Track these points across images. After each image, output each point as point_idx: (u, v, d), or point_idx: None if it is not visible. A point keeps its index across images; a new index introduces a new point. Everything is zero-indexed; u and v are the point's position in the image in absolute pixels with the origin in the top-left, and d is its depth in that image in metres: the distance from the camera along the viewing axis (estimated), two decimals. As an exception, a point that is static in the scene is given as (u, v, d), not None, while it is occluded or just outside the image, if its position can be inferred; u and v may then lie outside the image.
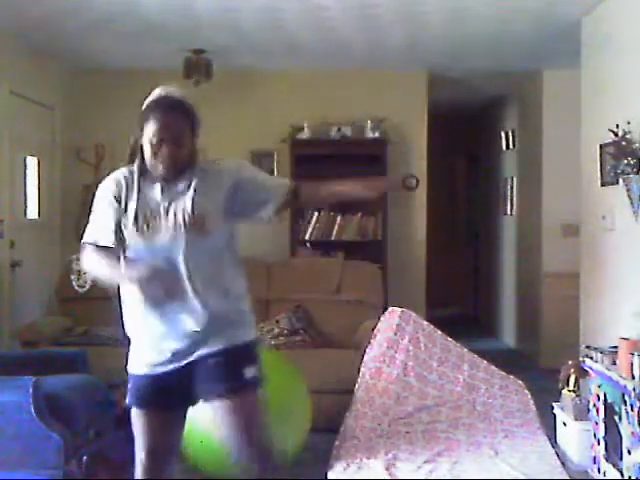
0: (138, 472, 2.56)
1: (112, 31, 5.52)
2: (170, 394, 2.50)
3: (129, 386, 2.64)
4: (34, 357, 4.31)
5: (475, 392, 4.51)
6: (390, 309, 4.82)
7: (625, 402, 3.48)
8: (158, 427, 2.54)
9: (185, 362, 2.46)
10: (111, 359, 4.78)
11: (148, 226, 2.41)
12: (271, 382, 3.94)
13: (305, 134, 6.61)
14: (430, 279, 7.14)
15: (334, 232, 6.66)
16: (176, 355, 2.46)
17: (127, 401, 2.64)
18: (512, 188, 8.11)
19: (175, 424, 2.60)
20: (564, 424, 4.33)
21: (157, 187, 2.46)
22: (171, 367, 2.47)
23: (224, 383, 2.43)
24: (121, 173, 2.59)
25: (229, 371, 2.45)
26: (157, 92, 2.49)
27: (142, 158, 2.51)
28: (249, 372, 2.47)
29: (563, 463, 3.97)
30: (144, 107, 2.47)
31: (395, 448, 3.93)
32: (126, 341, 2.65)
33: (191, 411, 2.64)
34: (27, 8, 4.94)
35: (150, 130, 2.41)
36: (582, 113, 5.27)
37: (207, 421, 3.72)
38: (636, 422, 3.36)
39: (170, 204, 2.43)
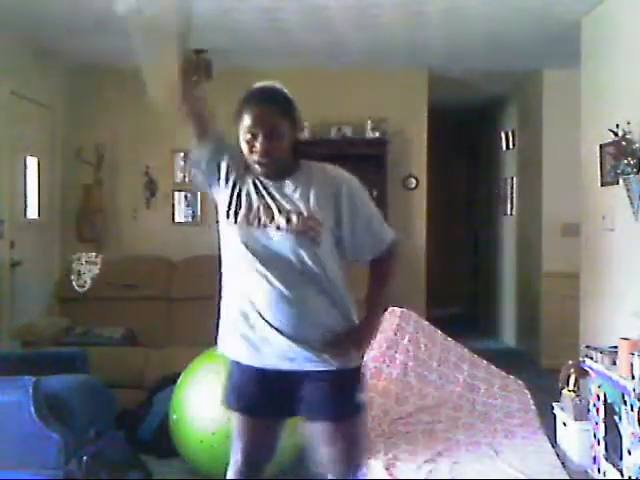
0: (231, 473, 2.47)
1: (112, 31, 5.51)
2: (273, 399, 2.38)
3: (229, 381, 2.44)
4: (34, 357, 4.31)
5: (475, 392, 4.51)
6: (390, 309, 4.81)
7: (625, 402, 3.48)
8: (258, 430, 2.44)
9: (288, 369, 2.31)
10: (111, 359, 4.82)
11: (253, 219, 2.28)
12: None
13: (305, 134, 6.61)
14: (430, 279, 7.14)
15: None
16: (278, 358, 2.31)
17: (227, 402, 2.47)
18: (512, 188, 8.11)
19: (275, 430, 2.49)
20: (564, 424, 4.33)
21: (263, 182, 2.32)
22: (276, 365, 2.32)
23: (335, 407, 2.32)
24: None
25: (341, 395, 2.33)
26: (255, 86, 2.39)
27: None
28: (358, 398, 2.36)
29: (563, 463, 3.97)
30: (240, 101, 2.37)
31: (395, 448, 3.93)
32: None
33: (191, 411, 2.62)
34: (27, 8, 4.94)
35: (245, 124, 2.28)
36: (582, 113, 5.27)
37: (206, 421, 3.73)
38: (636, 422, 3.36)
39: (277, 202, 2.29)
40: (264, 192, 2.31)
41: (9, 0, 4.80)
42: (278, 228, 2.26)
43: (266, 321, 2.27)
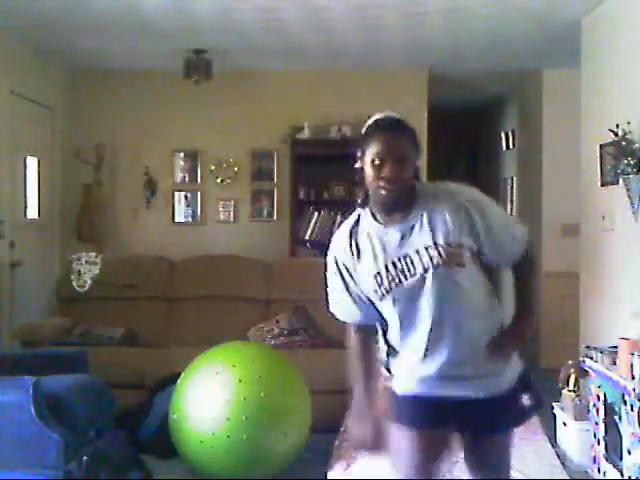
0: None
1: (112, 31, 5.52)
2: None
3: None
4: (34, 357, 4.32)
5: (475, 392, 4.50)
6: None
7: (625, 402, 3.48)
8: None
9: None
10: (111, 359, 4.82)
11: (394, 279, 2.23)
12: (271, 382, 3.95)
13: (305, 134, 6.61)
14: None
15: (334, 232, 6.65)
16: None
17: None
18: (512, 188, 8.11)
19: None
20: (564, 424, 4.32)
21: (392, 230, 2.25)
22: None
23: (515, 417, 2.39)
24: (346, 231, 2.40)
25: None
26: (375, 116, 2.36)
27: (366, 195, 2.30)
28: (527, 401, 2.38)
29: (563, 463, 3.96)
30: (364, 131, 2.31)
31: (395, 448, 3.91)
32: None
33: (191, 411, 2.59)
34: (27, 8, 4.94)
35: (372, 151, 2.23)
36: (582, 113, 5.27)
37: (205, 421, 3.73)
38: (636, 422, 3.36)
39: (410, 246, 2.23)
40: (393, 241, 2.25)
41: (9, 0, 4.80)
42: (424, 271, 2.21)
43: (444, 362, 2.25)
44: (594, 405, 3.93)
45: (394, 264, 2.23)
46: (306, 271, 5.78)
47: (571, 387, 4.28)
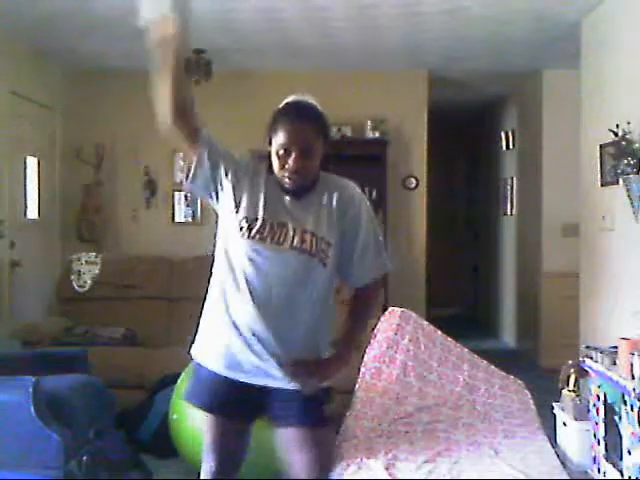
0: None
1: (112, 31, 5.52)
2: (245, 404, 2.34)
3: (197, 381, 2.39)
4: (34, 357, 4.31)
5: (475, 392, 4.50)
6: (390, 309, 4.81)
7: (625, 402, 3.48)
8: (230, 435, 2.39)
9: (263, 384, 2.29)
10: (111, 359, 4.82)
11: (267, 235, 2.22)
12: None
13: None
14: (430, 279, 7.15)
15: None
16: (258, 372, 2.28)
17: (194, 399, 2.41)
18: (512, 188, 8.11)
19: (246, 435, 2.44)
20: (564, 424, 4.33)
21: (285, 197, 2.27)
22: (252, 381, 2.29)
23: (307, 414, 2.30)
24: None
25: (312, 405, 2.31)
26: (287, 100, 2.37)
27: (270, 168, 2.31)
28: (326, 412, 2.35)
29: (563, 463, 3.96)
30: (272, 115, 2.33)
31: (395, 448, 3.92)
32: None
33: (191, 411, 2.60)
34: (27, 8, 4.94)
35: (278, 141, 2.25)
36: (582, 113, 5.27)
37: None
38: (636, 422, 3.36)
39: (293, 221, 2.24)
40: (281, 208, 2.26)
41: (9, 0, 4.80)
42: (291, 247, 2.21)
43: (255, 336, 2.23)
44: (594, 405, 3.93)
45: (272, 225, 2.23)
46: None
47: (571, 387, 4.28)
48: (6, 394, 3.52)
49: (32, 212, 6.17)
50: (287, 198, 2.28)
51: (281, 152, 2.24)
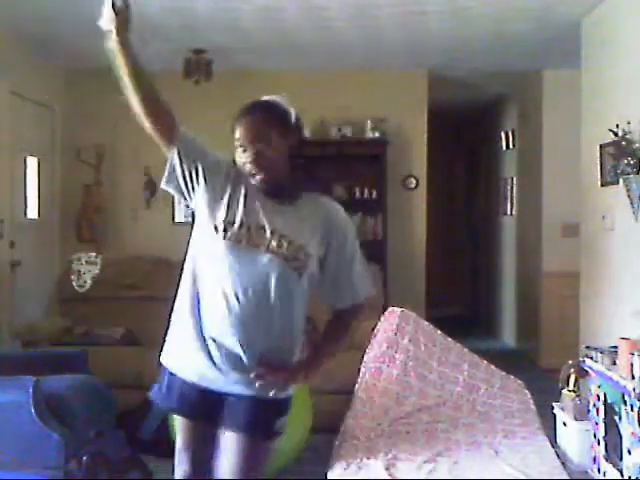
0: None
1: (112, 31, 5.52)
2: (211, 410, 2.32)
3: (165, 384, 2.35)
4: (34, 357, 4.31)
5: (475, 392, 4.50)
6: (390, 309, 4.81)
7: (625, 402, 3.48)
8: (203, 439, 2.36)
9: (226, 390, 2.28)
10: (111, 359, 4.81)
11: (243, 236, 2.20)
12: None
13: (305, 134, 6.60)
14: (430, 279, 7.14)
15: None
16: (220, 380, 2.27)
17: (162, 403, 2.40)
18: (512, 188, 8.11)
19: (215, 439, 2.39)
20: (564, 424, 4.33)
21: (262, 200, 2.25)
22: (218, 386, 2.27)
23: (253, 424, 2.27)
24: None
25: (263, 415, 2.29)
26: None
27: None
28: (279, 423, 2.31)
29: (563, 463, 3.96)
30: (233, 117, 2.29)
31: (395, 448, 3.92)
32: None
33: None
34: (27, 8, 4.94)
35: (236, 136, 2.27)
36: (582, 113, 5.27)
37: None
38: (636, 422, 3.36)
39: (272, 224, 2.22)
40: (260, 210, 2.24)
41: (10, 0, 4.79)
42: (267, 251, 2.19)
43: (221, 340, 2.21)
44: (594, 405, 3.93)
45: (249, 227, 2.21)
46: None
47: (571, 387, 4.28)
48: (6, 394, 3.52)
49: (32, 212, 6.17)
50: (269, 203, 2.26)
51: (239, 147, 2.26)
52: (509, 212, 8.23)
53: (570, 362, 4.34)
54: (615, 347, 3.78)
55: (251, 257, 2.19)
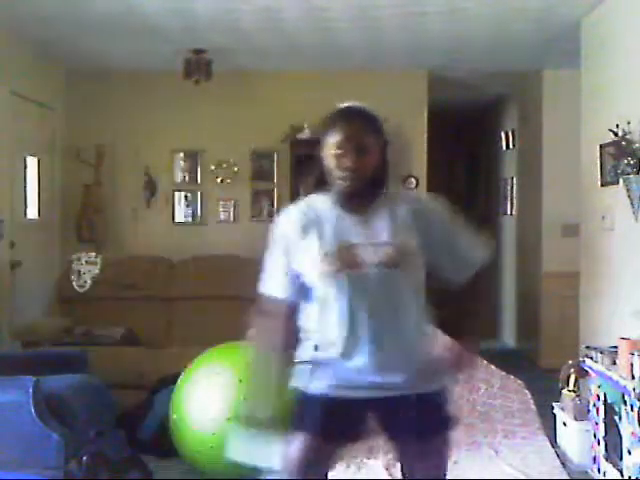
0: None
1: (112, 31, 5.52)
2: (353, 424, 2.35)
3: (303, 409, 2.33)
4: (34, 357, 4.31)
5: (475, 392, 4.51)
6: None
7: (625, 402, 3.48)
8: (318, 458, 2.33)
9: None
10: (111, 359, 4.82)
11: (342, 260, 2.17)
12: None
13: (305, 134, 6.60)
14: (430, 279, 7.13)
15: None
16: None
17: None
18: (512, 188, 8.11)
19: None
20: (564, 424, 4.33)
21: (350, 217, 2.23)
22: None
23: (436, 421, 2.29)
24: (298, 208, 2.30)
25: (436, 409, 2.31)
26: (339, 106, 2.35)
27: (319, 185, 2.29)
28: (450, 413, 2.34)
29: (563, 463, 3.97)
30: (324, 121, 2.32)
31: (395, 448, 3.92)
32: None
33: (191, 411, 2.56)
34: (27, 8, 4.94)
35: (333, 141, 2.23)
36: (582, 113, 5.27)
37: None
38: (636, 422, 3.36)
39: (364, 233, 2.21)
40: (350, 231, 2.22)
41: (10, 0, 4.79)
42: (372, 265, 2.18)
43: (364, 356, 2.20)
44: (594, 405, 3.93)
45: (344, 249, 2.19)
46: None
47: (571, 387, 4.28)
48: (6, 394, 3.52)
49: (32, 212, 6.17)
50: (355, 217, 2.24)
51: (337, 151, 2.22)
52: (509, 212, 8.22)
53: (570, 362, 4.34)
54: (615, 347, 3.78)
55: (362, 279, 2.18)
